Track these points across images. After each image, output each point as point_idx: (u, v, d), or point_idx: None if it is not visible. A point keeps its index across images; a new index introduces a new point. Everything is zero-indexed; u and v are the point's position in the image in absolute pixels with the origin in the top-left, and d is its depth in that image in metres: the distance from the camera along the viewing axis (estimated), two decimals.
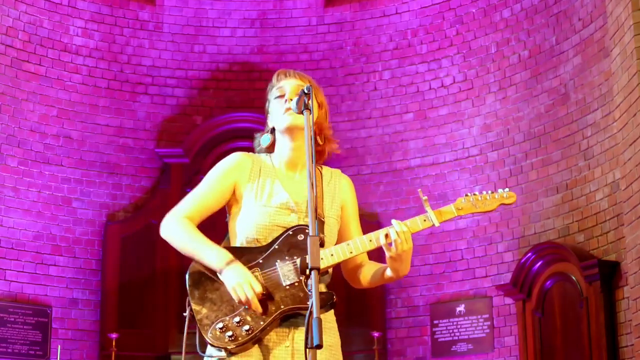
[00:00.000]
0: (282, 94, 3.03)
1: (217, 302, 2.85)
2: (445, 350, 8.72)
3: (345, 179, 3.14)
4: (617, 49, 6.78)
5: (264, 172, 3.03)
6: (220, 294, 2.86)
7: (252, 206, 2.96)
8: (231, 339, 2.79)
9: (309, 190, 2.57)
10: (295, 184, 3.03)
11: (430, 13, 9.26)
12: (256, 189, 2.99)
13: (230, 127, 9.20)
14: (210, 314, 2.84)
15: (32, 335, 8.33)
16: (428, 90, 9.21)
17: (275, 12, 9.77)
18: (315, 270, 2.48)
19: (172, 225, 2.98)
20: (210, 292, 2.87)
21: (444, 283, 8.84)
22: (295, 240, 2.90)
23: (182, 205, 3.02)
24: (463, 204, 3.06)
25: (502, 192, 3.09)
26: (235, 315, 2.82)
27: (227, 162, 3.04)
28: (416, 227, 2.97)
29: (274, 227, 2.93)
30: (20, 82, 8.64)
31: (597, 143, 7.72)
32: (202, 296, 2.87)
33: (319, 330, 2.40)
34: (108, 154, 9.07)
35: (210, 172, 3.04)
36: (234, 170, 3.01)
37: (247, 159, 3.04)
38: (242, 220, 2.96)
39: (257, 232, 2.93)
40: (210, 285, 2.88)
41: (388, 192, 9.17)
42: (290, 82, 3.03)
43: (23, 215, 8.47)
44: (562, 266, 7.76)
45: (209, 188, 3.01)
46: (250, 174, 3.01)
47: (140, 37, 9.41)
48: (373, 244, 2.95)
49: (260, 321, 2.81)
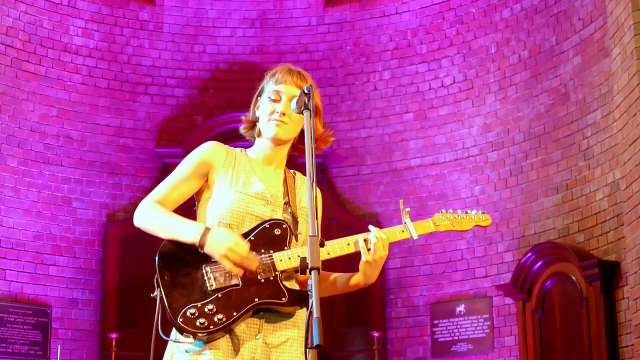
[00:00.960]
0: (277, 98, 3.00)
1: (188, 287, 2.81)
2: (445, 350, 8.72)
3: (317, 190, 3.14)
4: (617, 49, 6.78)
5: (238, 162, 3.01)
6: (192, 279, 2.82)
7: (227, 192, 2.94)
8: (203, 325, 2.76)
9: (309, 190, 2.55)
10: (271, 177, 3.03)
11: (430, 13, 9.26)
12: (230, 176, 2.97)
13: (230, 127, 9.18)
14: (180, 298, 2.79)
15: (32, 335, 8.33)
16: (428, 90, 9.21)
17: (275, 12, 9.77)
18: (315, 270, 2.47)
19: (144, 211, 2.93)
20: (181, 276, 2.83)
21: (444, 283, 8.84)
22: (271, 235, 2.89)
23: (154, 192, 2.98)
24: (441, 220, 3.09)
25: (477, 213, 3.15)
26: (208, 302, 2.79)
27: (201, 149, 3.02)
28: (394, 237, 2.98)
29: (248, 214, 2.91)
30: (20, 82, 8.64)
31: (597, 143, 7.72)
32: (173, 280, 2.82)
33: (319, 330, 2.39)
34: (108, 154, 9.07)
35: (184, 159, 3.01)
36: (207, 156, 2.99)
37: (221, 148, 3.03)
38: (215, 205, 2.94)
39: (231, 217, 2.90)
40: (182, 269, 2.84)
41: (388, 192, 9.17)
42: (290, 90, 2.98)
43: (23, 215, 8.47)
44: (562, 266, 7.76)
45: (182, 174, 2.98)
46: (225, 162, 2.99)
47: (140, 37, 9.41)
48: (351, 247, 2.94)
49: (233, 311, 2.78)
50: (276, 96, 2.99)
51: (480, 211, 3.15)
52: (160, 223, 2.89)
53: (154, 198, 2.96)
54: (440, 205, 8.92)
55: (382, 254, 2.92)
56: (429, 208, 8.92)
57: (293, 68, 3.05)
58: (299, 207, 3.02)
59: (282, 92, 2.99)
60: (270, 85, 3.03)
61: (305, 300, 2.81)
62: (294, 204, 2.99)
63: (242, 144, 3.14)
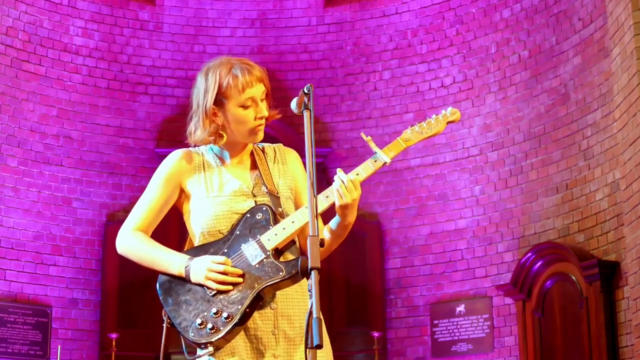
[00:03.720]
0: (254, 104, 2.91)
1: (192, 302, 2.81)
2: (445, 350, 8.72)
3: (291, 152, 3.08)
4: (617, 49, 6.78)
5: (207, 164, 2.98)
6: (193, 293, 2.82)
7: (205, 199, 2.92)
8: (212, 331, 2.74)
9: (309, 190, 2.54)
10: (242, 169, 3.00)
11: (430, 13, 9.26)
12: (204, 182, 2.94)
13: None
14: (187, 315, 2.80)
15: (32, 335, 8.33)
16: (428, 90, 9.21)
17: (275, 12, 9.77)
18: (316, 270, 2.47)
19: (125, 241, 2.95)
20: (182, 294, 2.84)
21: (444, 283, 8.84)
22: (254, 221, 2.87)
23: (132, 218, 2.98)
24: (409, 135, 2.98)
25: (445, 111, 3.03)
26: (211, 307, 2.78)
27: (167, 163, 2.99)
28: (369, 171, 2.89)
29: (232, 214, 2.89)
30: (20, 82, 8.64)
31: (597, 143, 7.72)
32: (176, 301, 2.84)
33: (319, 330, 2.39)
34: (108, 154, 9.07)
35: (154, 177, 2.98)
36: (176, 168, 2.96)
37: (186, 156, 2.99)
38: (199, 214, 2.92)
39: (217, 222, 2.89)
40: (182, 288, 2.85)
41: (388, 192, 9.17)
42: (259, 89, 2.91)
43: (23, 215, 8.47)
44: (562, 266, 7.76)
45: (155, 193, 2.97)
46: (194, 169, 2.97)
47: (140, 37, 9.41)
48: (330, 199, 2.86)
49: (237, 305, 2.77)
50: (251, 103, 2.91)
51: (448, 108, 3.03)
52: (143, 256, 2.94)
53: (132, 226, 2.96)
54: (441, 205, 8.93)
55: (355, 195, 2.84)
56: (429, 208, 8.93)
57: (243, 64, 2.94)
58: (277, 185, 2.97)
59: (255, 95, 2.91)
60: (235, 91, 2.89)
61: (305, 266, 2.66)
62: (269, 182, 2.95)
63: None
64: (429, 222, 8.91)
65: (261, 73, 2.94)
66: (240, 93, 2.89)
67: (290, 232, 2.85)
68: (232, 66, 2.91)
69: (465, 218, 8.77)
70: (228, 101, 2.92)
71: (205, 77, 2.95)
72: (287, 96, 9.29)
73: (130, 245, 2.95)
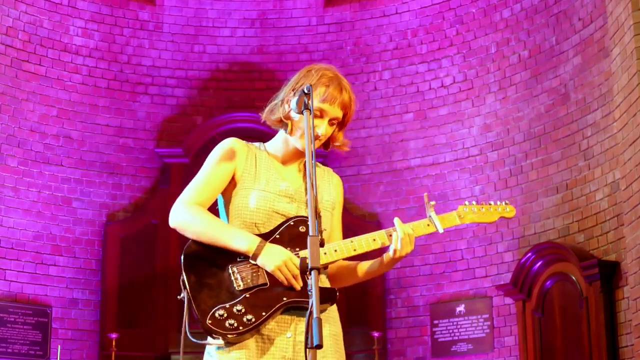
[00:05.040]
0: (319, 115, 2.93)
1: (215, 288, 2.79)
2: (445, 350, 8.72)
3: (337, 178, 3.13)
4: (617, 49, 6.78)
5: (259, 158, 3.00)
6: (219, 280, 2.81)
7: (251, 190, 2.93)
8: (232, 327, 2.74)
9: (309, 191, 2.56)
10: (293, 172, 3.02)
11: (430, 13, 9.27)
12: (254, 173, 2.96)
13: (230, 127, 9.19)
14: (208, 299, 2.77)
15: (32, 335, 8.33)
16: (428, 90, 9.22)
17: (275, 12, 9.77)
18: (315, 270, 2.47)
19: (184, 212, 2.90)
20: (207, 277, 2.81)
21: (444, 283, 8.84)
22: (296, 232, 2.88)
23: (188, 192, 2.95)
24: (465, 212, 3.07)
25: (501, 204, 3.12)
26: (236, 303, 2.77)
27: (223, 146, 3.01)
28: (420, 232, 2.98)
29: (273, 213, 2.90)
30: (20, 82, 8.64)
31: (597, 143, 7.72)
32: (200, 281, 2.80)
33: (319, 330, 2.39)
34: (108, 154, 9.07)
35: (209, 158, 2.99)
36: (232, 153, 2.98)
37: (242, 144, 3.02)
38: (240, 203, 2.92)
39: (256, 216, 2.90)
40: (208, 269, 2.82)
41: (388, 192, 9.17)
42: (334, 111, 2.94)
43: (23, 215, 8.47)
44: (562, 266, 7.76)
45: (212, 172, 2.96)
46: (247, 159, 2.99)
47: (140, 37, 9.41)
48: (377, 243, 2.94)
49: (262, 311, 2.77)
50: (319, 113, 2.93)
51: (505, 202, 3.13)
52: (204, 228, 2.86)
53: (190, 199, 2.92)
54: (441, 205, 8.92)
55: (408, 249, 2.94)
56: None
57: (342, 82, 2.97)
58: (321, 201, 3.00)
59: (327, 112, 2.94)
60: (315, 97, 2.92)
61: (334, 297, 2.84)
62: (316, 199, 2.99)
63: None
64: None
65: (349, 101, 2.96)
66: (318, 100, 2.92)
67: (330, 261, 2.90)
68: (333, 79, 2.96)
69: None
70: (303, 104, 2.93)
71: (307, 71, 3.03)
72: None
73: (189, 217, 2.88)
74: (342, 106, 2.94)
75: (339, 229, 3.10)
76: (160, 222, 8.86)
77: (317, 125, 2.92)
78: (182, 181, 9.03)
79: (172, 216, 2.92)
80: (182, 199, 2.94)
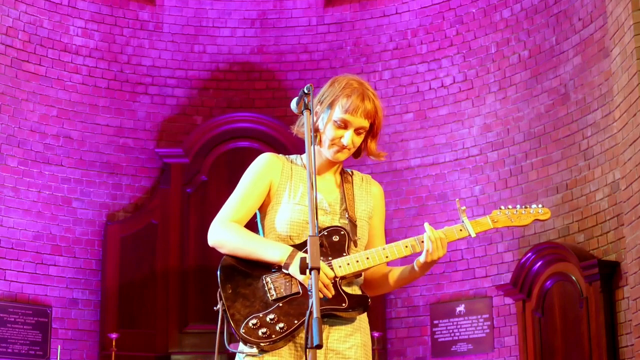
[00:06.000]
0: (343, 126, 2.99)
1: (250, 297, 2.84)
2: (445, 350, 8.72)
3: (377, 186, 3.18)
4: (617, 49, 6.78)
5: (295, 172, 3.05)
6: (253, 289, 2.86)
7: (286, 204, 2.98)
8: (265, 335, 2.78)
9: (309, 191, 2.58)
10: (328, 183, 3.07)
11: (430, 13, 9.26)
12: (289, 187, 3.00)
13: (230, 127, 9.19)
14: (242, 309, 2.82)
15: (32, 335, 8.33)
16: (428, 90, 9.21)
17: (275, 12, 9.77)
18: (315, 270, 2.48)
19: (220, 230, 2.95)
20: (242, 287, 2.86)
21: (444, 283, 8.84)
22: (330, 241, 2.92)
23: (226, 210, 3.00)
24: (499, 216, 3.09)
25: (537, 207, 3.13)
26: (269, 312, 2.81)
27: (260, 162, 3.05)
28: (452, 237, 3.02)
29: (307, 224, 2.93)
30: (20, 82, 8.64)
31: (597, 143, 7.72)
32: (235, 291, 2.85)
33: (319, 330, 2.40)
34: (108, 154, 9.07)
35: (246, 175, 3.04)
36: (268, 169, 3.02)
37: (278, 159, 3.06)
38: (276, 217, 2.98)
39: (291, 229, 2.94)
40: (243, 280, 2.87)
41: (388, 192, 9.16)
42: (359, 122, 2.99)
43: (23, 215, 8.47)
44: (562, 266, 7.76)
45: (248, 190, 3.00)
46: (282, 173, 3.03)
47: (140, 37, 9.41)
48: (409, 249, 3.00)
49: (294, 320, 2.81)
50: (343, 123, 2.99)
51: (540, 205, 3.14)
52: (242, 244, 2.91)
53: (228, 217, 2.98)
54: (441, 205, 8.93)
55: (440, 254, 2.97)
56: (429, 208, 8.93)
57: (364, 91, 3.01)
58: (357, 210, 3.04)
59: (350, 122, 2.99)
60: (339, 108, 2.99)
61: (366, 304, 2.89)
62: (351, 209, 3.02)
63: (242, 144, 3.14)
64: (429, 222, 8.86)
65: (373, 110, 3.02)
66: (341, 111, 2.98)
67: (362, 268, 2.92)
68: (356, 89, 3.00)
69: None
70: (331, 111, 3.00)
71: (332, 82, 3.06)
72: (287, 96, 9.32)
73: (227, 234, 2.93)
74: (366, 115, 3.00)
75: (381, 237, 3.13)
76: (160, 222, 8.86)
77: (341, 135, 2.99)
78: (182, 181, 9.04)
79: (210, 236, 2.98)
80: (219, 217, 2.99)
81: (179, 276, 8.78)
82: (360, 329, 2.94)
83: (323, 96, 3.04)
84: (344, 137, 2.99)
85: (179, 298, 8.76)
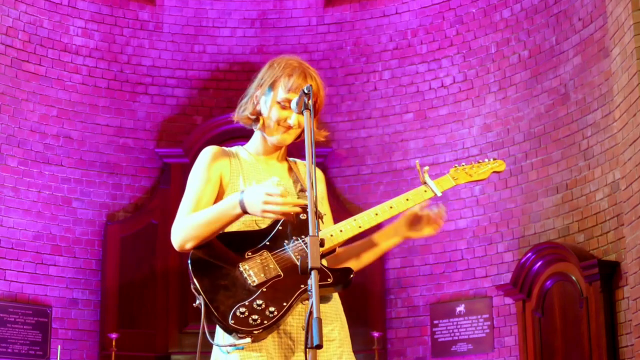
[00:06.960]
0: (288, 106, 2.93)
1: (231, 287, 2.76)
2: (445, 350, 8.72)
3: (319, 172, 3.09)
4: (617, 49, 6.78)
5: (243, 161, 3.00)
6: (232, 279, 2.77)
7: None
8: (256, 322, 2.70)
9: (309, 191, 2.56)
10: (278, 169, 3.02)
11: (430, 13, 9.26)
12: (242, 176, 2.95)
13: (230, 127, 9.17)
14: (226, 300, 2.73)
15: (32, 335, 8.33)
16: (428, 90, 9.21)
17: (275, 12, 9.77)
18: (316, 270, 2.47)
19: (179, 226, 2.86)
20: (220, 278, 2.77)
21: (444, 283, 8.84)
22: (298, 220, 2.86)
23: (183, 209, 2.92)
24: (458, 173, 3.12)
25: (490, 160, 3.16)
26: (255, 299, 2.73)
27: (206, 156, 2.97)
28: (419, 198, 3.05)
29: None
30: (20, 82, 8.64)
31: (597, 143, 7.72)
32: (213, 283, 2.76)
33: (319, 330, 2.39)
34: (108, 154, 9.07)
35: (194, 172, 2.97)
36: (215, 161, 2.95)
37: (222, 151, 3.00)
38: None
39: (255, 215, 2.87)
40: (218, 271, 2.78)
41: (388, 192, 9.16)
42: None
43: (23, 215, 8.47)
44: (562, 266, 7.76)
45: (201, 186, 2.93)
46: (231, 163, 2.97)
47: (140, 37, 9.41)
48: (379, 217, 2.98)
49: (282, 302, 2.74)
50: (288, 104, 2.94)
51: (492, 158, 3.15)
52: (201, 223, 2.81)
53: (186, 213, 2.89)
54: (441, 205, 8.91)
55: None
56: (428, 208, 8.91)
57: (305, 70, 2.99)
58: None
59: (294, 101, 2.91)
60: (281, 89, 2.95)
61: (349, 277, 2.85)
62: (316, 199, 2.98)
63: (243, 144, 3.12)
64: None
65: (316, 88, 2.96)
66: (284, 91, 2.95)
67: (338, 242, 2.89)
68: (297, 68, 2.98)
69: (465, 218, 8.77)
70: (273, 92, 2.96)
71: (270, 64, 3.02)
72: None
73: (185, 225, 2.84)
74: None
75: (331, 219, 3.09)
76: (160, 222, 8.86)
77: (287, 116, 2.94)
78: (182, 181, 8.98)
79: (173, 240, 2.87)
80: (177, 218, 2.90)
81: (179, 276, 8.78)
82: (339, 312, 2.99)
83: (262, 79, 3.00)
84: (290, 118, 2.93)
85: (179, 298, 8.76)
